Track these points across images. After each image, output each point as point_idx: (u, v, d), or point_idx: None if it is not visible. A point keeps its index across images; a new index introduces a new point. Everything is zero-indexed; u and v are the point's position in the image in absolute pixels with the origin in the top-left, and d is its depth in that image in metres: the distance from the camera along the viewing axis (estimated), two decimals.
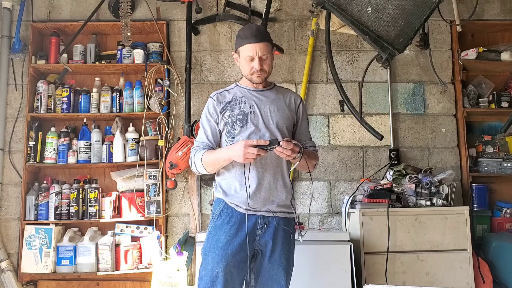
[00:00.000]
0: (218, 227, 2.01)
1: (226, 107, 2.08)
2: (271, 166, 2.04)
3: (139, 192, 3.29)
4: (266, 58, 2.05)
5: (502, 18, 3.63)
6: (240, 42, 2.06)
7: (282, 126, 2.08)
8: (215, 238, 2.00)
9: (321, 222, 3.38)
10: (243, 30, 2.09)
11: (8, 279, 3.19)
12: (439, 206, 2.98)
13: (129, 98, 3.38)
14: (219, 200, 2.07)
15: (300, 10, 3.60)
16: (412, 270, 2.85)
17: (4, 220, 3.36)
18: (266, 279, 2.02)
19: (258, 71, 2.04)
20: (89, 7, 3.53)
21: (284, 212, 2.07)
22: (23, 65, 3.50)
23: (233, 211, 2.02)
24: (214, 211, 2.06)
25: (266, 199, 2.02)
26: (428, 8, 2.09)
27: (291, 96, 2.19)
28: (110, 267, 3.12)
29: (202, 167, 2.05)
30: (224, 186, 2.07)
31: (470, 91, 3.50)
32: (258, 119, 2.05)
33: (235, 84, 2.19)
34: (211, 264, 1.96)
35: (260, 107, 2.07)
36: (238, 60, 2.11)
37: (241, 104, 2.08)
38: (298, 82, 3.50)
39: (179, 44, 3.54)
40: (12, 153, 3.43)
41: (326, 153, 3.45)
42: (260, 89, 2.14)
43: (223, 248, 1.96)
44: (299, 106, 2.18)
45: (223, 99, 2.11)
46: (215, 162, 2.03)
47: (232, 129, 2.06)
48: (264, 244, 2.02)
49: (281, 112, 2.10)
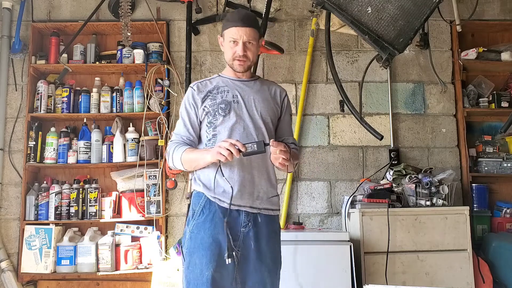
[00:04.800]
0: (201, 225, 1.86)
1: (207, 96, 1.96)
2: (256, 158, 1.89)
3: (139, 192, 3.29)
4: (251, 45, 1.94)
5: (502, 18, 3.63)
6: (226, 25, 1.95)
7: (266, 117, 1.97)
8: (199, 237, 1.85)
9: (321, 222, 3.38)
10: (232, 14, 2.00)
11: (8, 279, 3.20)
12: (439, 206, 2.98)
13: (129, 98, 3.38)
14: (199, 194, 1.91)
15: (300, 10, 3.60)
16: (412, 270, 2.85)
17: (4, 220, 3.36)
18: (253, 283, 1.88)
19: (240, 56, 1.93)
20: (89, 7, 3.53)
21: (268, 209, 1.95)
22: (23, 65, 3.50)
23: (216, 206, 1.87)
24: (195, 207, 1.90)
25: (251, 194, 1.89)
26: (428, 8, 2.09)
27: (276, 88, 2.08)
28: (110, 267, 3.12)
29: (180, 164, 1.91)
30: (203, 179, 1.91)
31: (470, 91, 3.50)
32: (241, 109, 1.94)
33: (218, 74, 2.07)
34: (199, 267, 1.81)
35: (243, 97, 1.96)
36: (223, 44, 2.00)
37: (224, 93, 1.96)
38: (298, 82, 3.50)
39: (179, 44, 3.54)
40: (12, 153, 3.43)
41: (326, 153, 3.45)
42: (244, 79, 2.02)
43: (209, 248, 1.82)
44: (284, 99, 2.08)
45: (204, 88, 1.98)
46: (194, 162, 1.90)
47: (213, 119, 1.93)
48: (248, 244, 1.87)
49: (266, 103, 1.99)
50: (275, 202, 1.99)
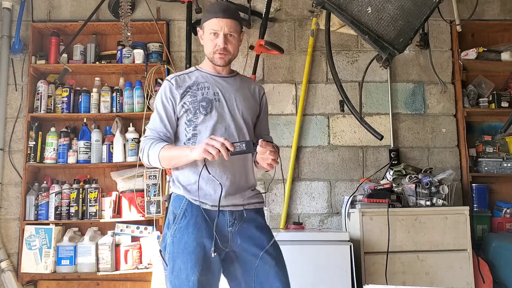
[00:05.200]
0: (184, 229, 1.79)
1: (186, 91, 1.87)
2: (236, 156, 1.81)
3: (139, 192, 3.29)
4: (232, 37, 1.88)
5: (502, 18, 3.63)
6: (206, 17, 1.89)
7: (247, 116, 1.92)
8: (182, 242, 1.77)
9: (321, 222, 3.38)
10: (212, 5, 1.94)
11: (8, 279, 3.19)
12: (439, 206, 2.98)
13: (129, 98, 3.38)
14: (180, 197, 1.84)
15: (300, 10, 3.60)
16: (412, 270, 2.85)
17: (4, 220, 3.36)
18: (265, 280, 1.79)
19: (221, 49, 1.86)
20: (89, 7, 3.53)
21: (252, 203, 1.90)
22: (23, 65, 3.50)
23: (198, 210, 1.80)
24: (176, 211, 1.83)
25: (233, 193, 1.84)
26: (428, 8, 2.09)
27: (255, 86, 2.05)
28: (110, 267, 3.12)
29: (157, 161, 1.81)
30: (183, 181, 1.85)
31: (470, 91, 3.50)
32: (223, 108, 1.87)
33: (195, 67, 1.98)
34: (184, 271, 1.74)
35: (225, 95, 1.90)
36: (202, 37, 1.93)
37: (204, 89, 1.88)
38: (298, 82, 3.50)
39: (179, 44, 3.54)
40: (12, 153, 3.43)
41: (326, 153, 3.45)
42: (224, 75, 1.96)
43: (194, 252, 1.74)
44: (262, 97, 2.04)
45: (183, 83, 1.89)
46: (175, 160, 1.81)
47: (194, 117, 1.85)
48: (238, 241, 1.82)
49: (247, 102, 1.94)
50: (259, 196, 1.94)
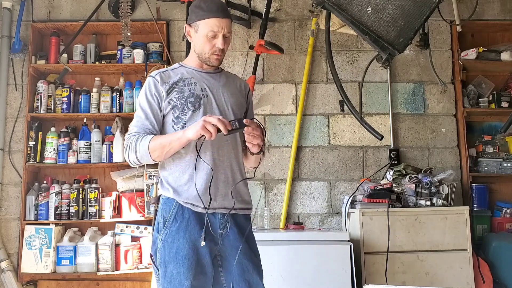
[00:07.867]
0: (175, 234, 1.74)
1: (172, 88, 1.81)
2: (227, 156, 1.82)
3: (139, 192, 3.29)
4: (227, 38, 1.84)
5: (502, 18, 3.63)
6: (203, 15, 1.80)
7: (237, 112, 1.89)
8: (174, 246, 1.73)
9: (321, 222, 3.38)
10: (205, 2, 1.82)
11: (8, 279, 3.20)
12: (439, 206, 2.98)
13: (129, 98, 3.38)
14: (169, 200, 1.78)
15: (300, 10, 3.60)
16: (412, 270, 2.85)
17: (4, 220, 3.36)
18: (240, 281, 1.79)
19: (220, 50, 1.82)
20: (89, 7, 3.53)
21: (243, 208, 1.86)
22: (23, 65, 3.50)
23: (189, 212, 1.75)
24: (166, 215, 1.77)
25: (225, 194, 1.80)
26: (428, 8, 2.09)
27: (240, 82, 2.02)
28: (110, 267, 3.12)
29: (147, 154, 1.73)
30: (172, 182, 1.80)
31: (470, 91, 3.50)
32: (211, 104, 1.83)
33: (179, 64, 1.93)
34: (177, 277, 1.70)
35: (212, 91, 1.85)
36: (192, 35, 1.85)
37: (191, 85, 1.83)
38: (298, 82, 3.50)
39: (179, 44, 3.54)
40: (12, 153, 3.43)
41: (326, 153, 3.45)
42: (210, 71, 1.91)
43: (186, 257, 1.71)
44: (248, 92, 2.02)
45: (168, 79, 1.83)
46: (168, 146, 1.73)
47: (181, 114, 1.80)
48: (229, 248, 1.79)
49: (235, 98, 1.91)
50: (248, 200, 1.91)
